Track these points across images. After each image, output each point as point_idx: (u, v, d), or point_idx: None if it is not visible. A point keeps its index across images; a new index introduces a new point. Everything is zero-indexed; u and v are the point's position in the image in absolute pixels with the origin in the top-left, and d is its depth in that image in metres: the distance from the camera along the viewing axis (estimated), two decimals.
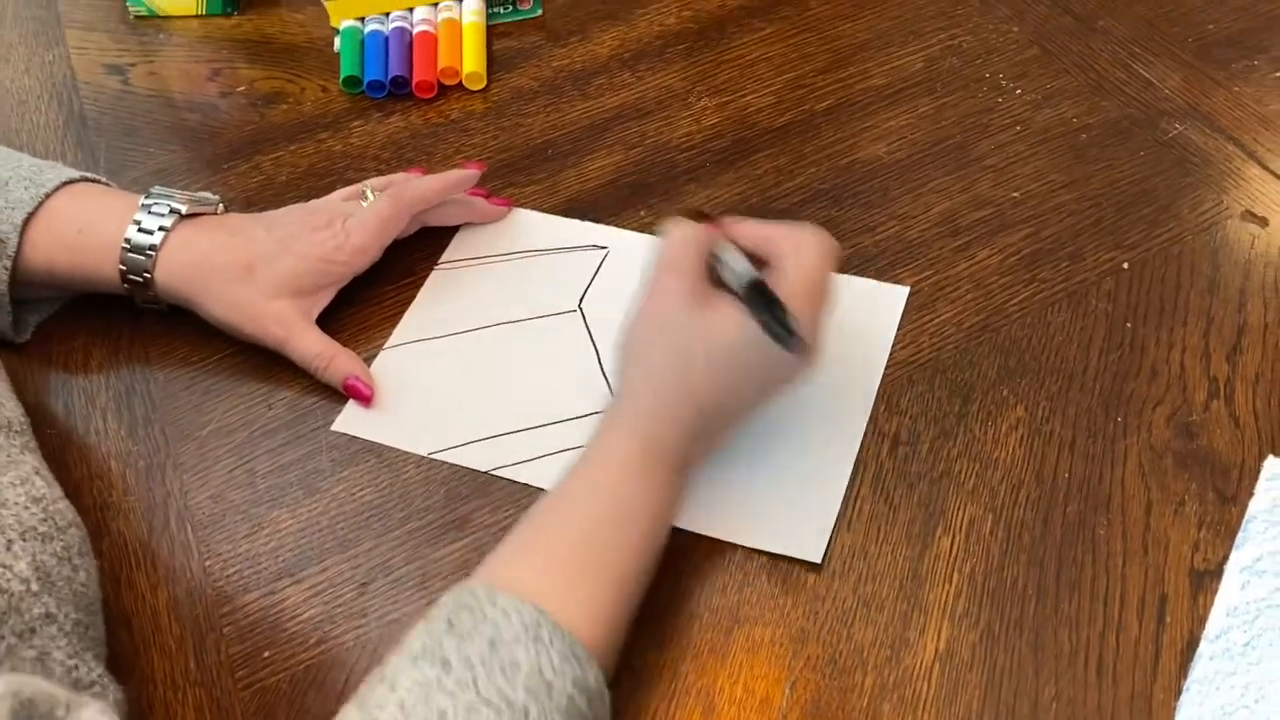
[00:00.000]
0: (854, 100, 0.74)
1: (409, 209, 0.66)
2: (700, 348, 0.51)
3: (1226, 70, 0.74)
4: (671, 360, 0.52)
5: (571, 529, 0.49)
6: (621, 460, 0.51)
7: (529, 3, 0.83)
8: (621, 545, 0.49)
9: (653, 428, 0.51)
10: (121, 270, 0.61)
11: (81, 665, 0.45)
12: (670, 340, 0.52)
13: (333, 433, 0.61)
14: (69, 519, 0.50)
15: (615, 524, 0.49)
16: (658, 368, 0.52)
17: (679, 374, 0.51)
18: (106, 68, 0.82)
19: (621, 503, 0.50)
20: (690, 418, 0.52)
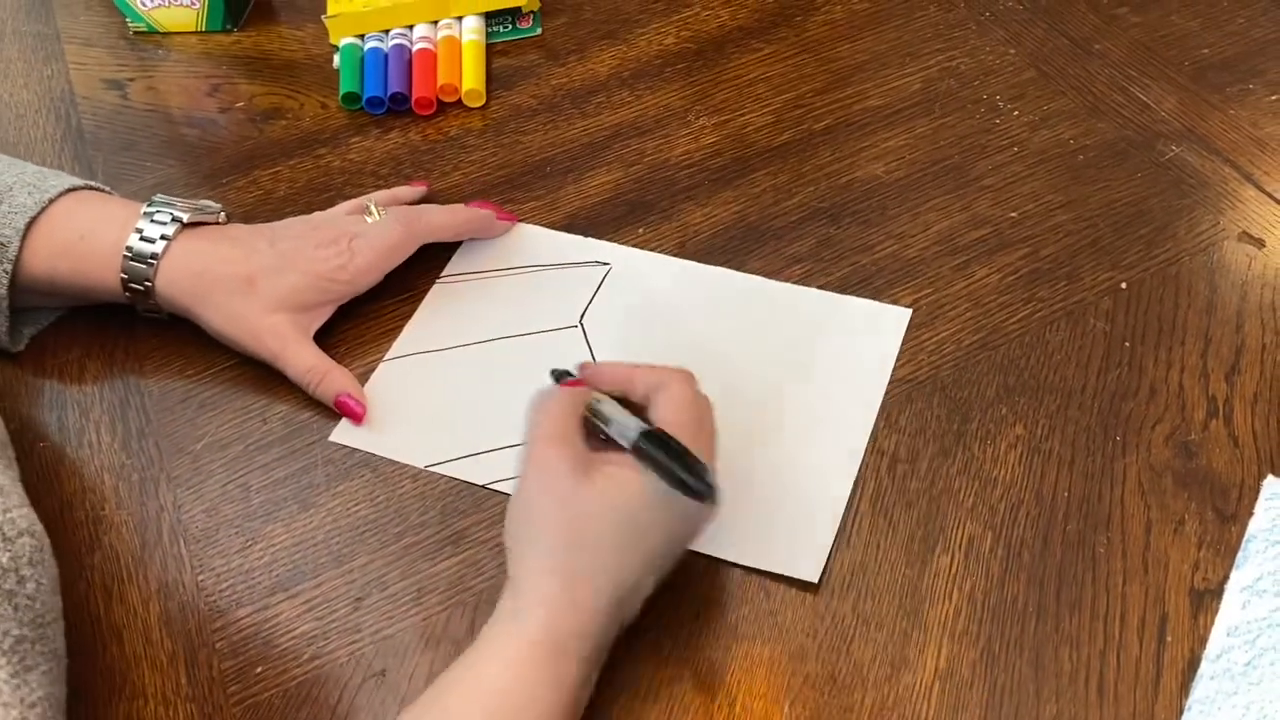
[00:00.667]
0: (852, 120, 0.75)
1: (419, 240, 0.66)
2: (601, 520, 0.47)
3: (1222, 94, 0.74)
4: (570, 540, 0.47)
5: None
6: (520, 660, 0.45)
7: (528, 21, 0.83)
8: None
9: (558, 618, 0.46)
10: (123, 278, 0.60)
11: (23, 686, 0.44)
12: (564, 516, 0.47)
13: (329, 445, 0.60)
14: (20, 528, 0.48)
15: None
16: (555, 549, 0.47)
17: (582, 553, 0.47)
18: (105, 83, 0.82)
19: (518, 705, 0.44)
20: (602, 600, 0.46)
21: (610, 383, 0.53)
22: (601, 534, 0.47)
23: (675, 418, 0.50)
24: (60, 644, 0.49)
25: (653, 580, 0.49)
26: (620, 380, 0.53)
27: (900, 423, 0.59)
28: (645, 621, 0.52)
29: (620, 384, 0.53)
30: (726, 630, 0.53)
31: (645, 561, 0.48)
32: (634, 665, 0.51)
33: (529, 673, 0.45)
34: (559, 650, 0.46)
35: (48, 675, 0.46)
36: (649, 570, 0.48)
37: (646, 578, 0.48)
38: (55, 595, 0.50)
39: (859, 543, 0.55)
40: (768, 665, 0.51)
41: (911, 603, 0.53)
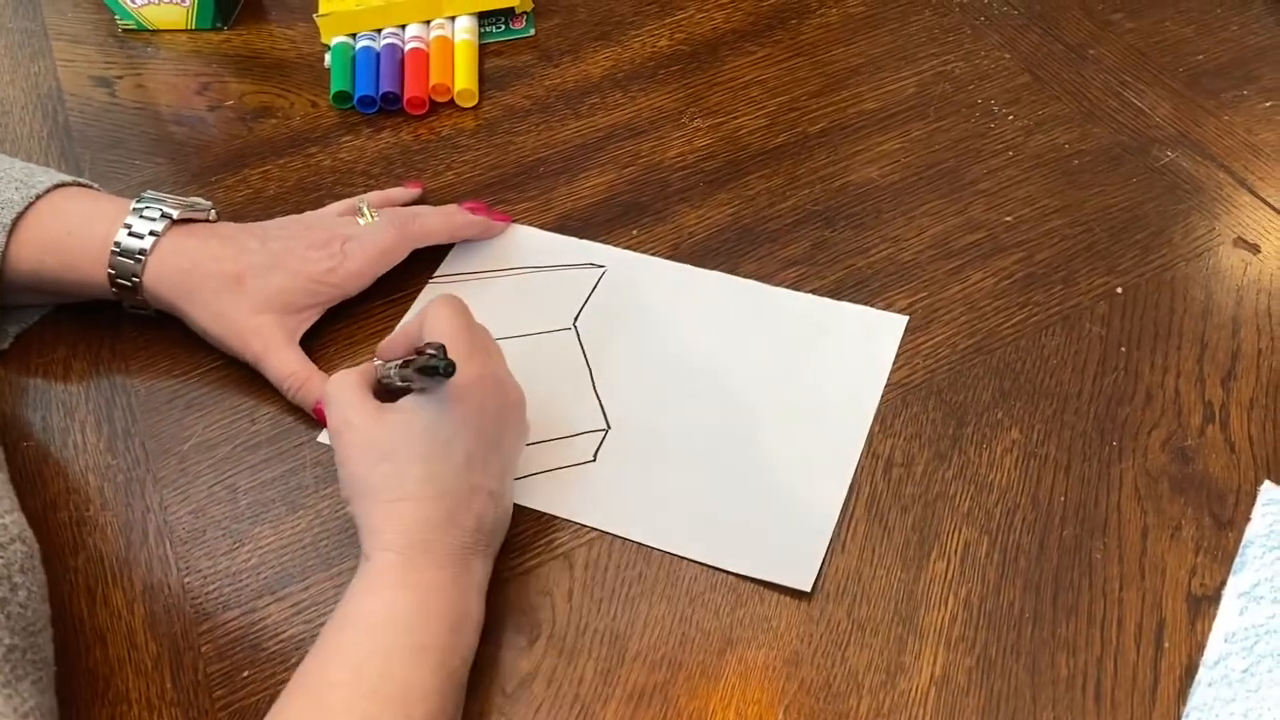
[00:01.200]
0: (847, 124, 0.74)
1: (412, 244, 0.65)
2: (402, 443, 0.50)
3: (1216, 99, 0.74)
4: (383, 475, 0.50)
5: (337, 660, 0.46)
6: (373, 583, 0.48)
7: (522, 22, 0.83)
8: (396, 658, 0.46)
9: (396, 540, 0.48)
10: (110, 274, 0.59)
11: (15, 695, 0.43)
12: (372, 460, 0.50)
13: (318, 446, 0.59)
14: (13, 534, 0.48)
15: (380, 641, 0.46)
16: (376, 489, 0.50)
17: (396, 478, 0.49)
18: (93, 80, 0.81)
19: (385, 619, 0.47)
20: (428, 511, 0.49)
21: (396, 348, 0.55)
22: (407, 459, 0.50)
23: (436, 333, 0.52)
24: (49, 652, 0.48)
25: (485, 483, 0.51)
26: (403, 341, 0.55)
27: (895, 427, 0.59)
28: (637, 626, 0.52)
29: (404, 344, 0.55)
30: (720, 635, 0.52)
31: (462, 466, 0.50)
32: (627, 671, 0.51)
33: (380, 589, 0.48)
34: (401, 563, 0.48)
35: (38, 684, 0.45)
36: (471, 472, 0.50)
37: (473, 480, 0.50)
38: (45, 603, 0.49)
39: (854, 548, 0.54)
40: (762, 671, 0.51)
41: (907, 608, 0.52)
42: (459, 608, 0.49)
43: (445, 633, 0.48)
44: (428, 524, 0.49)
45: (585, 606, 0.53)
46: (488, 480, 0.51)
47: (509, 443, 0.53)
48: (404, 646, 0.46)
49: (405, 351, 0.54)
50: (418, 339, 0.53)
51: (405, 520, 0.49)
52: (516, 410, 0.54)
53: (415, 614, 0.47)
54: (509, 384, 0.54)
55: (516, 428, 0.54)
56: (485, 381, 0.51)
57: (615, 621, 0.52)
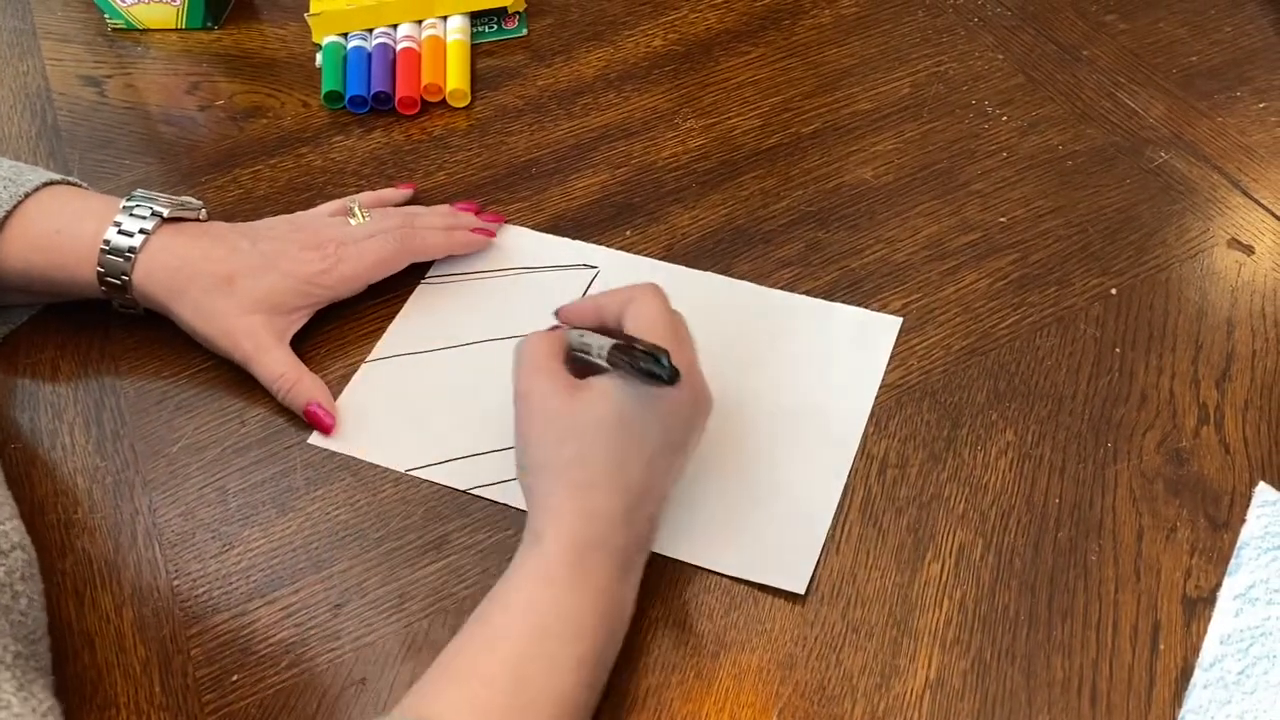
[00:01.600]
0: (840, 124, 0.74)
1: (410, 258, 0.65)
2: (593, 431, 0.49)
3: (1209, 100, 0.74)
4: (568, 455, 0.49)
5: (499, 656, 0.45)
6: (547, 575, 0.47)
7: (514, 22, 0.83)
8: (556, 668, 0.45)
9: (576, 530, 0.48)
10: (99, 272, 0.59)
11: (31, 699, 0.43)
12: (557, 434, 0.49)
13: (309, 448, 0.59)
14: (14, 541, 0.48)
15: (546, 647, 0.45)
16: (555, 467, 0.49)
17: (581, 466, 0.48)
18: (82, 79, 0.81)
19: (552, 621, 0.46)
20: (612, 504, 0.48)
21: (584, 317, 0.55)
22: (596, 443, 0.48)
23: (647, 325, 0.51)
24: (48, 661, 0.48)
25: (660, 488, 0.50)
26: (592, 312, 0.54)
27: (890, 428, 0.58)
28: (632, 629, 0.52)
29: (593, 315, 0.54)
30: (714, 638, 0.52)
31: (646, 464, 0.49)
32: (621, 674, 0.50)
33: (553, 585, 0.47)
34: (577, 560, 0.47)
35: (47, 690, 0.45)
36: (653, 473, 0.49)
37: (652, 481, 0.49)
38: (43, 611, 0.49)
39: (849, 550, 0.54)
40: (756, 674, 0.50)
41: (902, 611, 0.52)
42: (622, 613, 0.49)
43: (604, 640, 0.47)
44: (609, 519, 0.48)
45: None
46: (664, 484, 0.50)
47: (691, 446, 0.52)
48: (568, 656, 0.45)
49: (593, 323, 0.53)
50: (613, 318, 0.52)
51: (590, 509, 0.48)
52: (705, 415, 0.52)
53: (583, 621, 0.46)
54: (703, 388, 0.52)
55: (700, 431, 0.53)
56: (686, 386, 0.49)
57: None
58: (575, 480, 0.48)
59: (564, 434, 0.49)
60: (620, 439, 0.49)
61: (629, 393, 0.49)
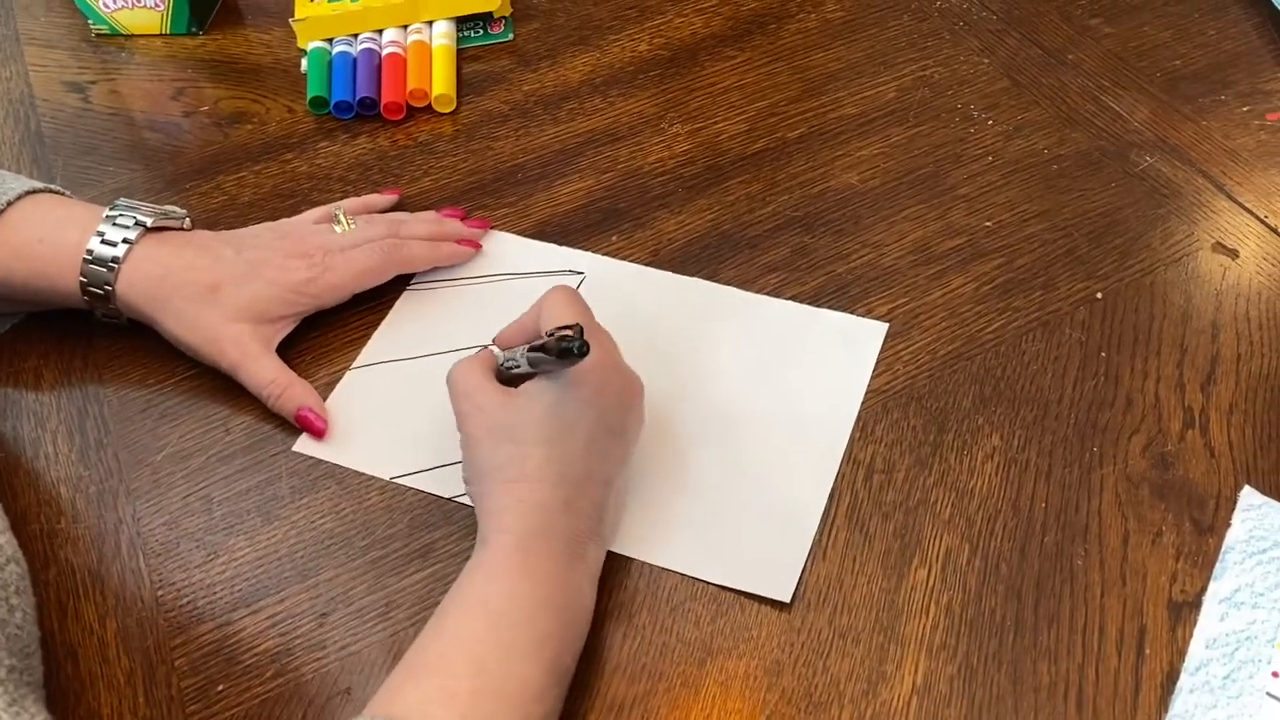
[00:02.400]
0: (826, 129, 0.74)
1: (396, 269, 0.64)
2: (526, 425, 0.51)
3: (1194, 104, 0.74)
4: (505, 457, 0.50)
5: (458, 648, 0.46)
6: (494, 568, 0.48)
7: (500, 27, 0.82)
8: (513, 654, 0.46)
9: (515, 524, 0.49)
10: (82, 282, 0.59)
11: (23, 713, 0.43)
12: (495, 440, 0.51)
13: (294, 456, 0.59)
14: (8, 554, 0.48)
15: (501, 634, 0.46)
16: (497, 469, 0.50)
17: (518, 462, 0.50)
18: (66, 85, 0.80)
19: (505, 609, 0.47)
20: (548, 494, 0.49)
21: (514, 338, 0.56)
22: (529, 440, 0.50)
23: (557, 316, 0.53)
24: (40, 674, 0.48)
25: (601, 473, 0.51)
26: (518, 331, 0.56)
27: (876, 433, 0.58)
28: (617, 637, 0.51)
29: (520, 334, 0.56)
30: (700, 645, 0.52)
31: (582, 452, 0.51)
32: (606, 681, 0.50)
33: (500, 576, 0.48)
34: (520, 550, 0.48)
35: (39, 704, 0.45)
36: (590, 460, 0.51)
37: (591, 468, 0.51)
38: (36, 625, 0.49)
39: (835, 556, 0.54)
40: (743, 681, 0.50)
41: (888, 617, 0.52)
42: (576, 599, 0.49)
43: (561, 627, 0.48)
44: (546, 508, 0.49)
45: None
46: (606, 467, 0.52)
47: (629, 430, 0.54)
48: (524, 640, 0.46)
49: (523, 341, 0.55)
50: (535, 330, 0.54)
51: (525, 503, 0.49)
52: (636, 398, 0.54)
53: (535, 606, 0.47)
54: (629, 371, 0.54)
55: (636, 416, 0.54)
56: (607, 367, 0.52)
57: (594, 632, 0.52)
58: (511, 478, 0.50)
59: (500, 438, 0.51)
60: (552, 431, 0.50)
61: (555, 387, 0.51)
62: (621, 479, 0.54)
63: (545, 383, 0.51)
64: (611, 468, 0.52)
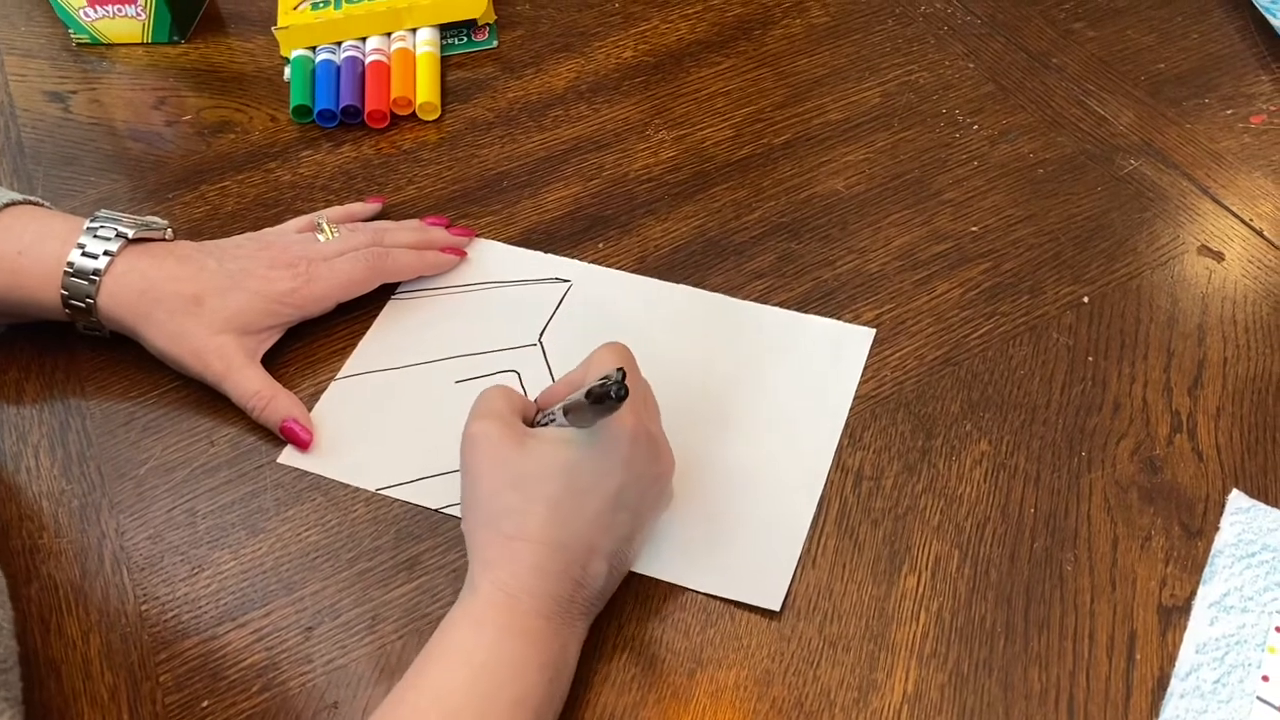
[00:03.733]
0: (811, 135, 0.74)
1: (381, 278, 0.64)
2: (536, 479, 0.48)
3: (1178, 108, 0.74)
4: (507, 505, 0.48)
5: (431, 699, 0.45)
6: (479, 621, 0.47)
7: (484, 34, 0.82)
8: (491, 709, 0.44)
9: (504, 577, 0.47)
10: (63, 294, 0.58)
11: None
12: (501, 480, 0.48)
13: (279, 468, 0.58)
14: None
15: (480, 687, 0.45)
16: (496, 517, 0.48)
17: (520, 515, 0.48)
18: (47, 95, 0.80)
19: (486, 662, 0.45)
20: (543, 558, 0.47)
21: (560, 395, 0.53)
22: (536, 494, 0.48)
23: (604, 366, 0.50)
24: (18, 690, 0.47)
25: (605, 545, 0.49)
26: (565, 388, 0.53)
27: (864, 440, 0.58)
28: (605, 646, 0.51)
29: (569, 388, 0.53)
30: (690, 655, 0.51)
31: (589, 520, 0.48)
32: (595, 692, 0.50)
33: (485, 630, 0.46)
34: (513, 607, 0.47)
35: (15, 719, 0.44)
36: (596, 530, 0.48)
37: (595, 539, 0.48)
38: (14, 639, 0.48)
39: (824, 563, 0.54)
40: (733, 691, 0.50)
41: (879, 624, 0.52)
42: (558, 660, 0.47)
43: (543, 685, 0.46)
44: (542, 571, 0.47)
45: None
46: (610, 542, 0.49)
47: (646, 508, 0.51)
48: (505, 697, 0.45)
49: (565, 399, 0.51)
50: (580, 384, 0.50)
51: (521, 561, 0.47)
52: (662, 479, 0.51)
53: (517, 664, 0.46)
54: (664, 447, 0.51)
55: (657, 496, 0.51)
56: (639, 435, 0.48)
57: (584, 644, 0.52)
58: (509, 532, 0.48)
59: (506, 482, 0.48)
60: (561, 491, 0.48)
61: (578, 444, 0.48)
62: (627, 553, 0.51)
63: (570, 436, 0.48)
64: (616, 543, 0.49)
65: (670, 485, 0.52)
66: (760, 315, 0.64)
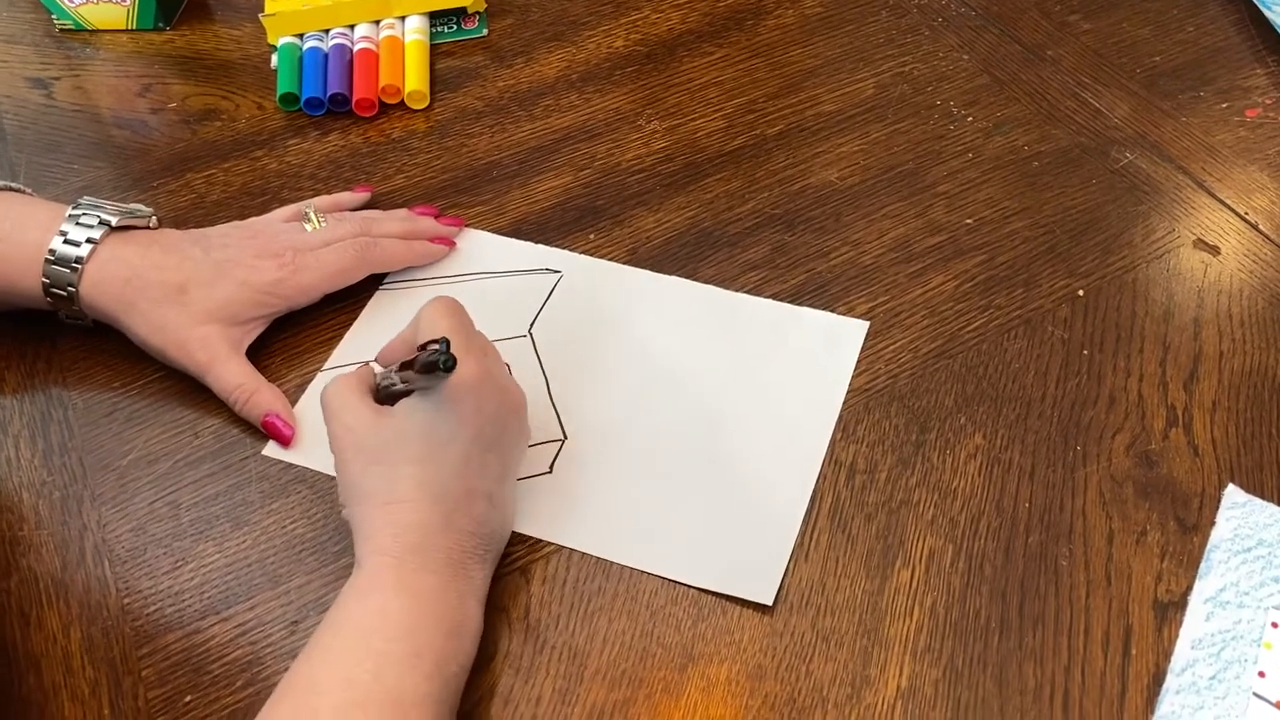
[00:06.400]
0: (805, 125, 0.73)
1: (369, 268, 0.63)
2: (398, 442, 0.49)
3: (1173, 100, 0.74)
4: (376, 480, 0.49)
5: (326, 665, 0.45)
6: (366, 588, 0.47)
7: (474, 22, 0.81)
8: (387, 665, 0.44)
9: (389, 545, 0.47)
10: (44, 283, 0.57)
11: None
12: (366, 461, 0.49)
13: (263, 460, 0.57)
14: None
15: (373, 646, 0.45)
16: (370, 493, 0.49)
17: (389, 480, 0.48)
18: (29, 81, 0.79)
19: (377, 624, 0.45)
20: (424, 515, 0.48)
21: (396, 354, 0.54)
22: (400, 461, 0.49)
23: (431, 329, 0.51)
24: None
25: (482, 487, 0.50)
26: (400, 346, 0.54)
27: (858, 433, 0.58)
28: (597, 642, 0.50)
29: (402, 349, 0.54)
30: (682, 650, 0.51)
31: (459, 469, 0.49)
32: (586, 687, 0.49)
33: (372, 595, 0.46)
34: (394, 570, 0.47)
35: None
36: (468, 475, 0.49)
37: (470, 484, 0.49)
38: None
39: (817, 557, 0.53)
40: (725, 686, 0.50)
41: (872, 619, 0.51)
42: (456, 614, 0.47)
43: (440, 638, 0.46)
44: (423, 528, 0.48)
45: (543, 623, 0.52)
46: (485, 483, 0.50)
47: (508, 445, 0.51)
48: (397, 652, 0.45)
49: (404, 356, 0.52)
50: (414, 343, 0.52)
51: (400, 524, 0.48)
52: (517, 412, 0.52)
53: (409, 619, 0.46)
54: (509, 384, 0.52)
55: (517, 429, 0.52)
56: (483, 381, 0.50)
57: (574, 638, 0.51)
58: (384, 501, 0.48)
59: (371, 458, 0.49)
60: (422, 450, 0.49)
61: (427, 405, 0.49)
62: (505, 493, 0.52)
63: (419, 401, 0.50)
64: (491, 483, 0.50)
65: (525, 417, 0.53)
66: (753, 307, 0.63)
